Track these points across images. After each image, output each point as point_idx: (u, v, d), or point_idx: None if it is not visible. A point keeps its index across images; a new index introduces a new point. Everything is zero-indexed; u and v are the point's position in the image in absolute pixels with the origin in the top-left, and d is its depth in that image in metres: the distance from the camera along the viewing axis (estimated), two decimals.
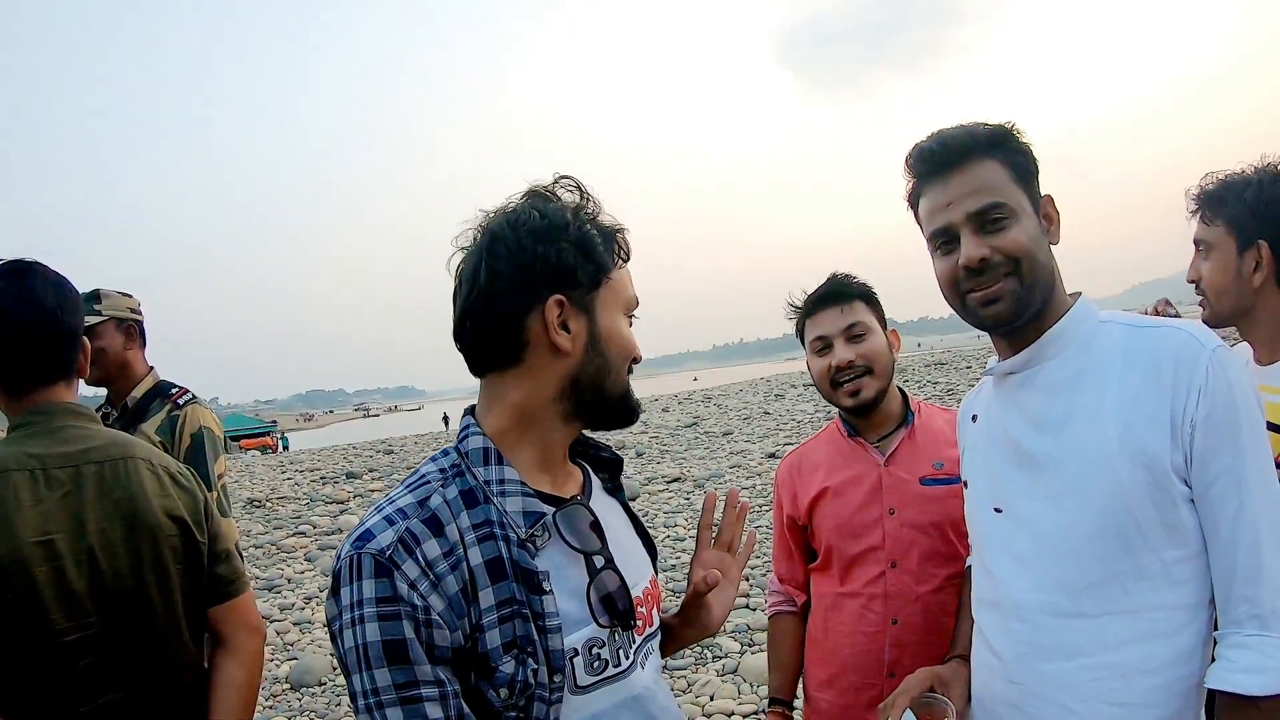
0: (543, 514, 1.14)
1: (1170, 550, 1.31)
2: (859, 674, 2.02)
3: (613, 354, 1.22)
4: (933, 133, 1.46)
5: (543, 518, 1.14)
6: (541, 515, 1.14)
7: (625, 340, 1.24)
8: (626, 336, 1.25)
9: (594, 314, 1.20)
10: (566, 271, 1.17)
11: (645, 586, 1.29)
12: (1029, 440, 1.43)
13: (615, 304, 1.23)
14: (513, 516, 1.12)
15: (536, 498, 1.15)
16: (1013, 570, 1.44)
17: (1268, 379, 1.78)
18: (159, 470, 1.79)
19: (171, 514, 1.74)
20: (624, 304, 1.25)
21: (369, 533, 1.05)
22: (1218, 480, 1.27)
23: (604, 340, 1.21)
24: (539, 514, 1.14)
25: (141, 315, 3.15)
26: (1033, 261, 1.38)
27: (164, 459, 1.84)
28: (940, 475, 2.02)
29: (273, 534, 12.37)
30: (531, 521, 1.12)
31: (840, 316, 2.08)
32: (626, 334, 1.25)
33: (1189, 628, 1.32)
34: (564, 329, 1.17)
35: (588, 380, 1.20)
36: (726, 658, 5.78)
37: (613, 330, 1.22)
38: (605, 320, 1.21)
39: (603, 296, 1.21)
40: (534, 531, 1.12)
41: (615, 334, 1.23)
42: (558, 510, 1.17)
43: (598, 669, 1.14)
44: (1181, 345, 1.32)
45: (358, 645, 1.01)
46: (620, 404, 1.26)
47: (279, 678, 6.29)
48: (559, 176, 1.25)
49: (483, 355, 1.21)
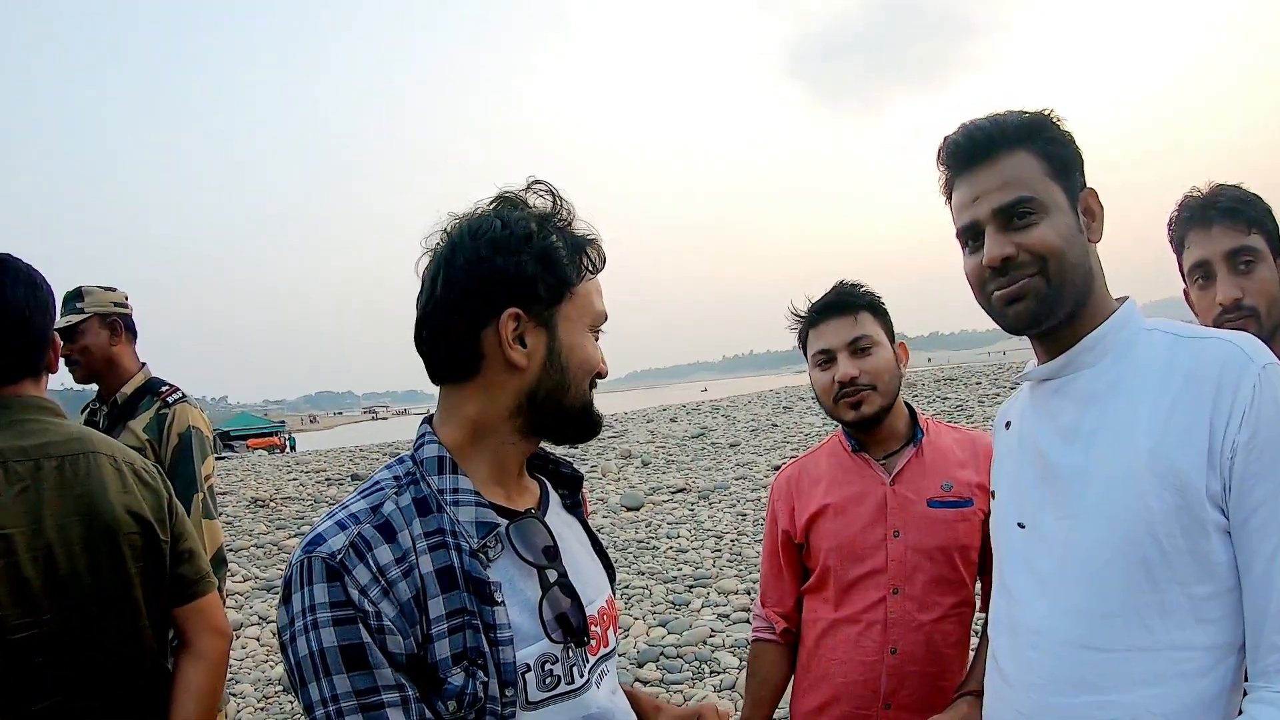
0: (496, 525, 1.12)
1: (1198, 585, 1.19)
2: (852, 703, 1.92)
3: (573, 370, 1.19)
4: (962, 124, 1.38)
5: (495, 529, 1.11)
6: (495, 526, 1.11)
7: (587, 356, 1.21)
8: (589, 352, 1.21)
9: (554, 329, 1.17)
10: (525, 284, 1.14)
11: (601, 605, 1.26)
12: (1056, 453, 1.33)
13: (579, 318, 1.20)
14: (465, 526, 1.10)
15: (490, 509, 1.13)
16: (1031, 591, 1.35)
17: None
18: (122, 466, 1.74)
19: (133, 511, 1.70)
20: (590, 318, 1.22)
21: (320, 537, 1.03)
22: (1257, 512, 1.16)
23: (563, 356, 1.18)
24: (492, 525, 1.11)
25: (128, 309, 3.11)
26: (1061, 260, 1.29)
27: (128, 454, 1.79)
28: (949, 497, 1.92)
29: (275, 534, 12.33)
30: (484, 532, 1.10)
31: (845, 328, 1.98)
32: (590, 349, 1.22)
33: (1214, 671, 1.20)
34: (521, 343, 1.15)
35: (544, 396, 1.17)
36: (725, 673, 5.68)
37: (574, 345, 1.19)
38: (566, 335, 1.18)
39: (565, 311, 1.18)
40: (486, 542, 1.10)
41: (577, 349, 1.19)
42: (511, 523, 1.14)
43: (550, 685, 1.12)
44: (1228, 359, 1.21)
45: (312, 651, 0.98)
46: (580, 418, 1.23)
47: (272, 679, 6.22)
48: (531, 181, 1.20)
49: (439, 365, 1.19)
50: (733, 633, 6.43)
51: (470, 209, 1.20)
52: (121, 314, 3.07)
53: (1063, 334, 1.34)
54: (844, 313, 2.00)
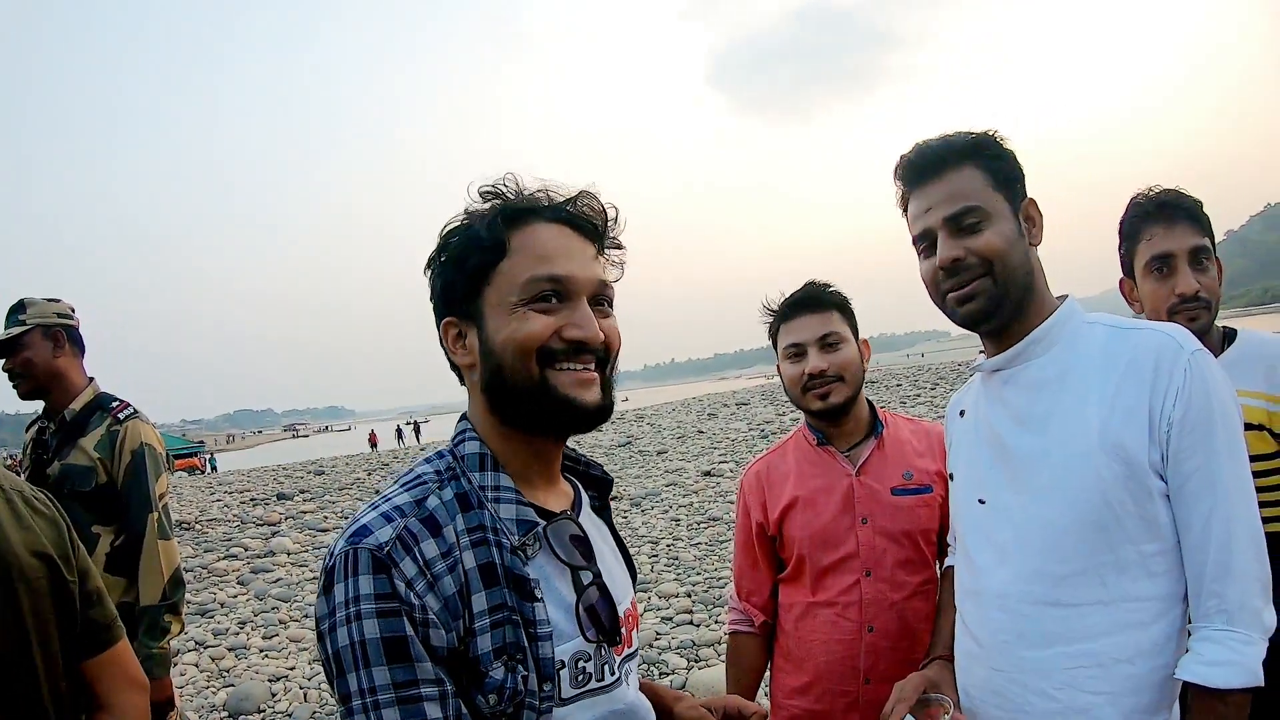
0: (536, 524, 1.13)
1: (1147, 543, 1.37)
2: (834, 680, 2.05)
3: (500, 351, 1.15)
4: (915, 143, 1.54)
5: (535, 528, 1.13)
6: (534, 525, 1.13)
7: (515, 332, 1.13)
8: (515, 328, 1.14)
9: (481, 319, 1.17)
10: (446, 291, 1.20)
11: (626, 607, 1.28)
12: (1013, 436, 1.48)
13: (504, 298, 1.15)
14: (506, 523, 1.11)
15: (531, 507, 1.15)
16: (994, 560, 1.50)
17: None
18: (13, 496, 1.48)
19: (36, 551, 1.43)
20: (517, 288, 1.14)
21: (366, 528, 1.03)
22: (1191, 479, 1.34)
23: (490, 341, 1.16)
24: (532, 523, 1.13)
25: (74, 320, 3.02)
26: (1006, 261, 1.45)
27: (14, 481, 1.52)
28: (911, 485, 2.08)
29: (203, 557, 11.99)
30: (525, 530, 1.12)
31: (816, 324, 2.11)
32: (515, 325, 1.14)
33: (1164, 619, 1.37)
34: (464, 345, 1.20)
35: (495, 386, 1.16)
36: (674, 674, 5.80)
37: (498, 327, 1.15)
38: (492, 320, 1.16)
39: (486, 297, 1.16)
40: (526, 541, 1.11)
41: (502, 329, 1.14)
42: (549, 523, 1.16)
43: (582, 682, 1.13)
44: (1161, 347, 1.38)
45: (354, 642, 0.97)
46: (539, 397, 1.14)
47: (216, 705, 6.10)
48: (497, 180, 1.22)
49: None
50: (677, 634, 6.58)
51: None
52: (66, 325, 2.96)
53: (1009, 329, 1.50)
54: (815, 310, 2.14)
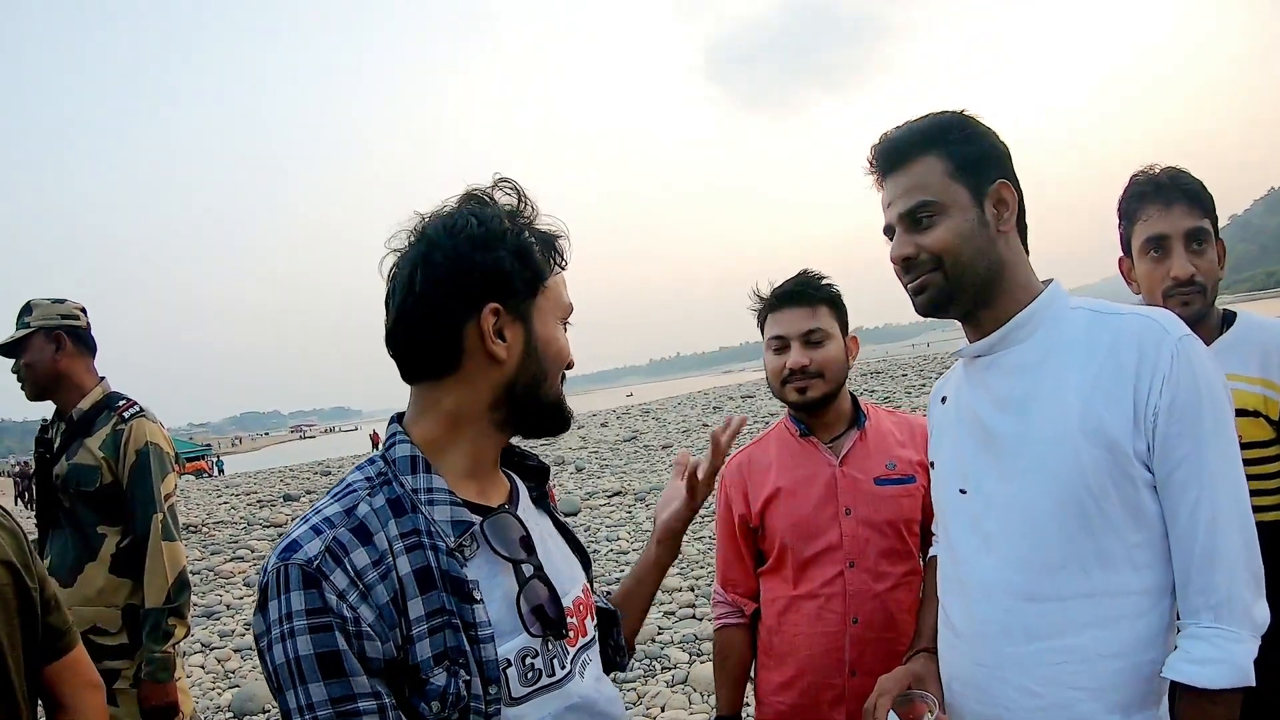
0: (471, 524, 1.12)
1: (1132, 533, 1.32)
2: (819, 674, 2.02)
3: (548, 361, 1.22)
4: (883, 132, 1.51)
5: (471, 527, 1.12)
6: (470, 525, 1.12)
7: (561, 347, 1.24)
8: (562, 344, 1.24)
9: (530, 321, 1.19)
10: (503, 280, 1.16)
11: (577, 595, 1.28)
12: (993, 420, 1.45)
13: (551, 311, 1.23)
14: (441, 525, 1.10)
15: (465, 507, 1.13)
16: (977, 549, 1.46)
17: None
18: None
19: (1, 559, 1.49)
20: (560, 310, 1.25)
21: (295, 543, 1.02)
22: (1180, 467, 1.29)
23: (540, 348, 1.20)
24: (467, 523, 1.12)
25: (80, 321, 3.01)
26: (957, 257, 1.42)
27: None
28: (893, 475, 2.05)
29: (210, 559, 12.04)
30: (460, 531, 1.10)
31: (802, 319, 2.08)
32: (562, 341, 1.25)
33: (1151, 613, 1.33)
34: (500, 337, 1.16)
35: (522, 388, 1.19)
36: (675, 668, 5.78)
37: (549, 337, 1.21)
38: (541, 328, 1.21)
39: (539, 304, 1.20)
40: (463, 541, 1.10)
41: (551, 341, 1.22)
42: (485, 519, 1.15)
43: (531, 679, 1.13)
44: (1145, 331, 1.33)
45: (289, 659, 0.97)
46: (554, 411, 1.25)
47: (221, 706, 6.10)
48: (498, 179, 1.23)
49: (416, 363, 1.19)
50: (680, 629, 6.55)
51: (439, 207, 1.21)
52: (70, 326, 2.96)
53: (986, 315, 1.47)
54: (803, 303, 2.10)
